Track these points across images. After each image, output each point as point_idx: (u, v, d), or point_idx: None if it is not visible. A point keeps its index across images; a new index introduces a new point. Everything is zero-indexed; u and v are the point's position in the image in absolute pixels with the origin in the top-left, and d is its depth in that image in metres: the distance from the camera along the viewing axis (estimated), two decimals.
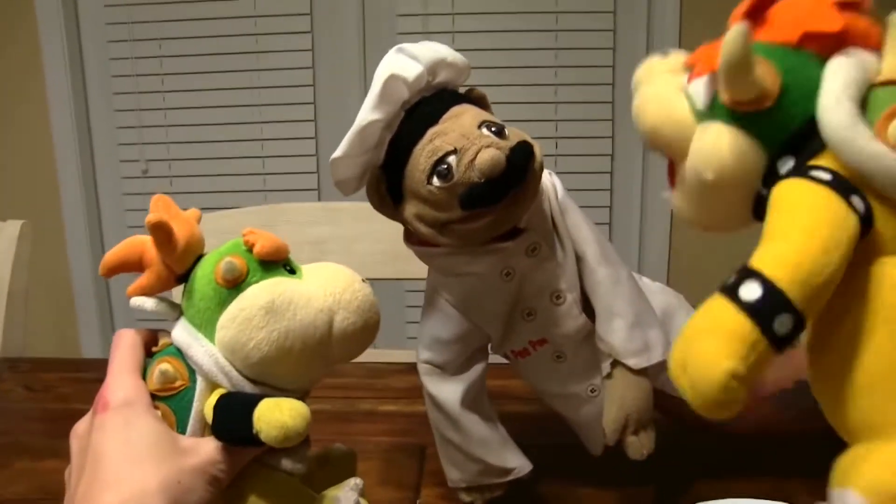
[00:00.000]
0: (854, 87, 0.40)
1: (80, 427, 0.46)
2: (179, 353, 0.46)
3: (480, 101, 0.58)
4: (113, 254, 0.47)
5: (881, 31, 0.43)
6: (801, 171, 0.41)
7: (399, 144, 0.55)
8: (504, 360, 0.95)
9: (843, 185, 0.39)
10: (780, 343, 0.37)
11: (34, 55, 2.08)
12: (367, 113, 0.54)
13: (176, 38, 2.07)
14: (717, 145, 0.43)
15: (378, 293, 1.81)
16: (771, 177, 0.43)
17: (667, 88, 0.48)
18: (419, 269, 1.17)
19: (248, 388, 0.45)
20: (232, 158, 2.13)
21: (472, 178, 0.51)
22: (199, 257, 0.47)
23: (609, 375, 0.60)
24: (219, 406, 0.44)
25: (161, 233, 0.45)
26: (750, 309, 0.37)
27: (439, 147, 0.52)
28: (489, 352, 0.65)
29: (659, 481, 0.69)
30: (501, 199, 0.52)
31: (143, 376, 0.46)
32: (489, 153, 0.50)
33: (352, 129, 0.55)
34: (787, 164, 0.42)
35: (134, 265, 0.47)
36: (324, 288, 0.46)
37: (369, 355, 1.08)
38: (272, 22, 2.05)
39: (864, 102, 0.41)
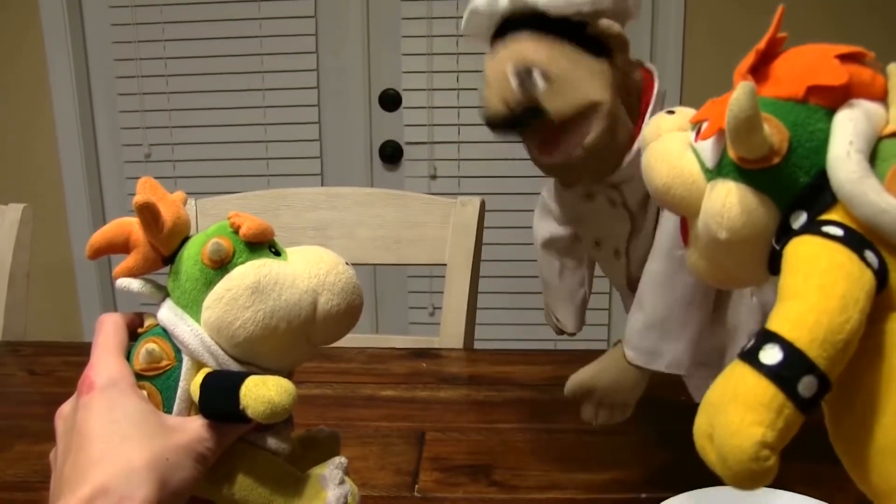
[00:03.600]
0: (862, 140, 0.40)
1: (65, 409, 0.46)
2: (165, 334, 0.46)
3: (610, 41, 0.57)
4: (99, 235, 0.47)
5: (884, 81, 0.43)
6: (813, 226, 0.40)
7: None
8: (507, 345, 0.95)
9: (856, 239, 0.39)
10: (806, 406, 0.36)
11: (36, 39, 2.07)
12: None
13: (179, 22, 2.06)
14: (727, 204, 0.43)
15: (379, 278, 1.83)
16: (784, 232, 0.42)
17: (675, 146, 0.48)
18: (420, 254, 1.18)
19: (233, 367, 0.45)
20: (235, 143, 2.12)
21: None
22: (186, 239, 0.48)
23: (616, 343, 0.63)
24: (205, 384, 0.45)
25: (148, 214, 0.45)
26: (772, 374, 0.36)
27: (484, 67, 0.59)
28: None
29: (660, 464, 0.69)
30: (504, 134, 0.59)
31: (128, 358, 0.46)
32: (486, 108, 0.58)
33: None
34: (800, 219, 0.42)
35: (120, 247, 0.48)
36: (308, 269, 0.47)
37: (371, 340, 1.09)
38: (276, 6, 2.04)
39: (873, 154, 0.41)
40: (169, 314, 0.46)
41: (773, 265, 0.43)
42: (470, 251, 1.14)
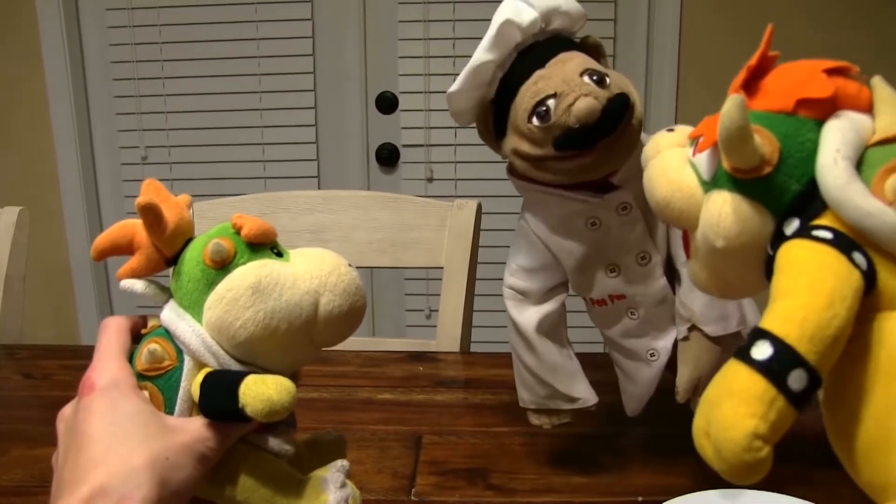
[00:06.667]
0: (849, 148, 0.42)
1: (66, 411, 0.46)
2: (168, 334, 0.47)
3: (593, 50, 0.62)
4: (104, 237, 0.48)
5: (870, 94, 0.45)
6: (804, 231, 0.42)
7: (508, 82, 0.60)
8: (504, 348, 0.95)
9: (845, 242, 0.40)
10: (798, 400, 0.38)
11: (33, 42, 2.07)
12: (482, 53, 0.59)
13: (176, 25, 2.06)
14: (722, 213, 0.45)
15: (376, 281, 1.83)
16: (778, 239, 0.44)
17: (674, 161, 0.50)
18: (417, 257, 1.18)
19: (234, 367, 0.46)
20: (232, 145, 2.12)
21: (568, 122, 0.56)
22: (189, 241, 0.48)
23: (686, 339, 0.63)
24: (205, 383, 0.45)
25: (151, 215, 0.45)
26: (763, 367, 0.38)
27: (541, 89, 0.57)
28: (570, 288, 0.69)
29: (656, 468, 0.69)
30: (593, 146, 0.57)
31: (131, 361, 0.47)
32: (585, 102, 0.55)
33: (467, 67, 0.60)
34: (793, 226, 0.44)
35: (124, 248, 0.48)
36: (310, 270, 0.47)
37: (367, 344, 1.09)
38: (273, 9, 2.04)
39: (861, 162, 0.43)
40: (171, 315, 0.47)
41: (769, 272, 0.44)
42: (466, 254, 1.14)
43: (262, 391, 0.43)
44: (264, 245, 0.47)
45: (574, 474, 0.69)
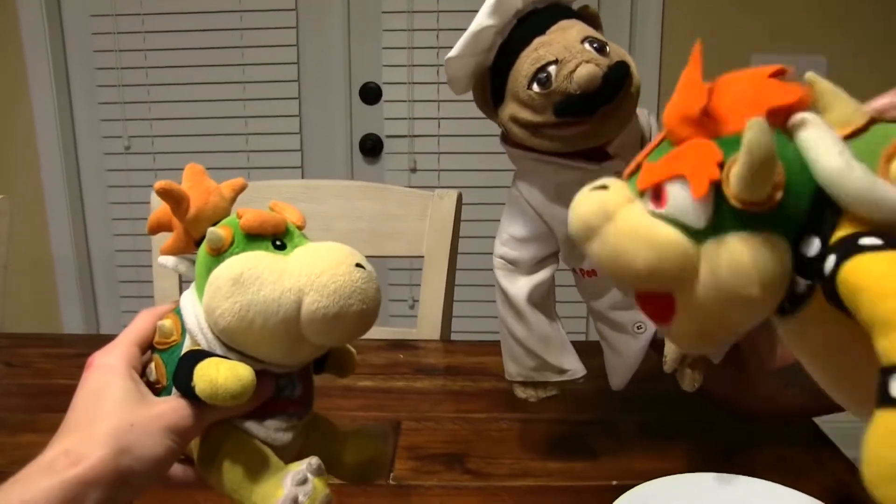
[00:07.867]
0: (846, 147, 0.39)
1: None
2: (181, 312, 0.49)
3: (592, 20, 0.63)
4: (153, 214, 0.51)
5: (809, 92, 0.42)
6: (850, 247, 0.38)
7: (507, 48, 0.60)
8: (483, 337, 0.95)
9: (894, 241, 0.37)
10: None
11: (13, 30, 2.05)
12: (483, 19, 0.59)
13: (159, 14, 2.04)
14: (747, 258, 0.40)
15: None
16: (801, 264, 0.40)
17: (642, 220, 0.42)
18: (399, 246, 1.19)
19: (220, 350, 0.47)
20: (215, 135, 2.12)
21: (569, 89, 0.56)
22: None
23: None
24: (182, 358, 0.47)
25: (168, 198, 0.48)
26: None
27: (542, 56, 0.57)
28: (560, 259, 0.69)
29: (630, 453, 0.70)
30: (593, 113, 0.57)
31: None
32: (587, 68, 0.55)
33: (467, 32, 0.60)
34: (814, 245, 0.40)
35: (167, 225, 0.51)
36: (301, 268, 0.46)
37: None
38: None
39: None
40: (188, 294, 0.49)
41: (790, 301, 0.42)
42: (447, 244, 1.14)
43: (209, 373, 0.44)
44: (263, 237, 0.47)
45: (550, 459, 0.70)
